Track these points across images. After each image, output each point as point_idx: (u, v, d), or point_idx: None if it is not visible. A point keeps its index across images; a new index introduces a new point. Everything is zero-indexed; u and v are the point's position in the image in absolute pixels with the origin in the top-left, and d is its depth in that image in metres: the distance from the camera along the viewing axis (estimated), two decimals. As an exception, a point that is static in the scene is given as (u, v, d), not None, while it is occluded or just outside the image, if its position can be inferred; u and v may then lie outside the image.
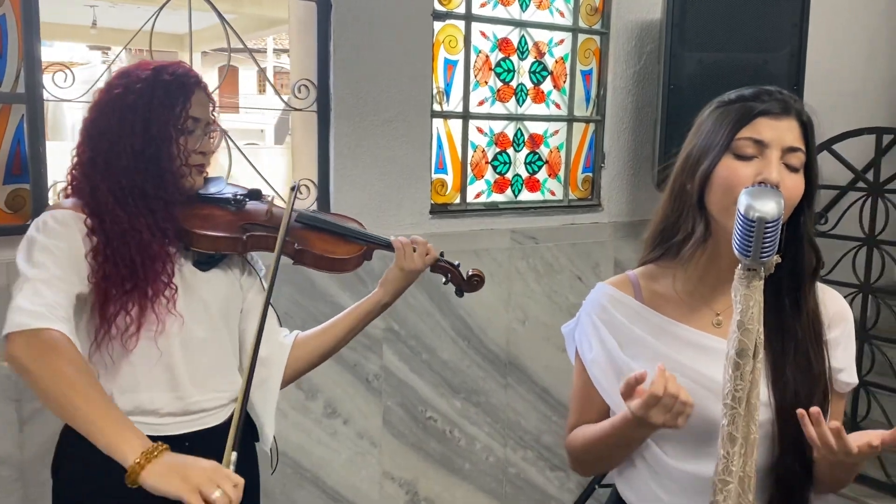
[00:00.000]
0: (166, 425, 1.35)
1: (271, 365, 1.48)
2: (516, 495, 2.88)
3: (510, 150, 2.75)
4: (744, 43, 2.63)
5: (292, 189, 1.51)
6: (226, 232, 1.38)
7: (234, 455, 1.09)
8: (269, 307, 1.41)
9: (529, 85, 2.76)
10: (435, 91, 2.53)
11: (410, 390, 2.58)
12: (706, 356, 1.17)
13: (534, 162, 2.81)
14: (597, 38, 2.88)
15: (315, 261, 1.46)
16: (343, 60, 2.32)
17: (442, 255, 1.59)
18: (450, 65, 2.57)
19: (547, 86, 2.80)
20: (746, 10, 2.62)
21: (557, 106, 2.84)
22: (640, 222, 3.04)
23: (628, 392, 1.06)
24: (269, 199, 1.51)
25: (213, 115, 1.43)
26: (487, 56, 2.64)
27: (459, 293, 1.62)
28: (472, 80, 2.61)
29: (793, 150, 1.12)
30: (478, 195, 2.71)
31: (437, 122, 2.57)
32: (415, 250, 1.51)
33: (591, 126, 2.91)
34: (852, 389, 1.25)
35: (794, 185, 1.12)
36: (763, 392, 1.11)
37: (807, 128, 1.15)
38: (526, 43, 2.72)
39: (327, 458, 2.45)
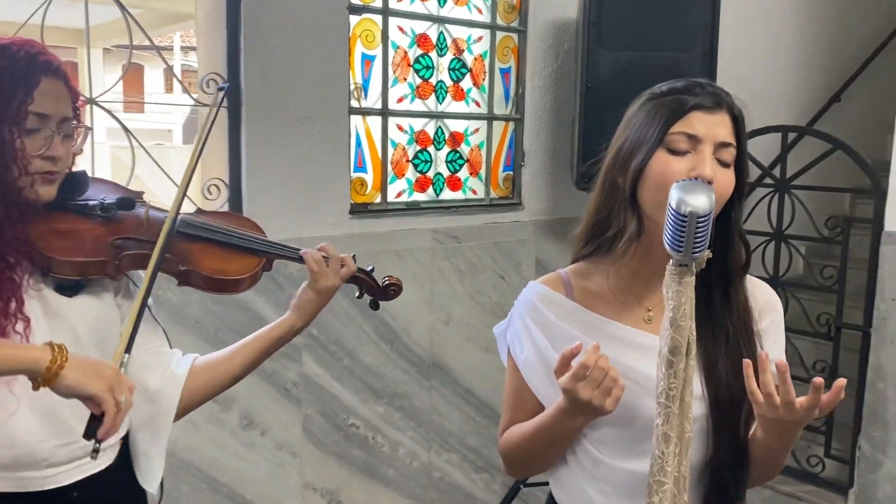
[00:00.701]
0: (49, 477, 1.15)
1: (161, 400, 1.26)
2: (441, 499, 2.83)
3: (431, 149, 2.70)
4: (658, 42, 2.66)
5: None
6: (94, 254, 1.15)
7: (125, 357, 1.05)
8: (159, 327, 1.27)
9: (449, 82, 2.72)
10: (352, 87, 2.46)
11: (331, 397, 2.50)
12: (639, 353, 1.15)
13: (455, 160, 2.77)
14: (515, 35, 2.86)
15: (203, 282, 1.25)
16: (254, 55, 2.22)
17: (354, 261, 1.42)
18: (367, 60, 2.50)
19: (466, 83, 2.76)
20: (660, 10, 2.66)
21: (477, 104, 2.81)
22: (561, 220, 3.04)
23: (562, 367, 1.04)
24: (145, 202, 1.28)
25: (75, 110, 1.17)
26: (406, 52, 2.59)
27: (374, 305, 1.46)
28: (391, 76, 2.55)
29: (725, 145, 1.11)
30: (399, 194, 2.65)
31: (356, 120, 2.49)
32: (328, 264, 1.34)
33: (511, 124, 2.90)
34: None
35: (727, 180, 1.10)
36: (696, 387, 1.09)
37: (738, 122, 1.13)
38: (444, 39, 2.68)
39: (245, 471, 2.33)
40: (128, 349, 1.04)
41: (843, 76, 4.16)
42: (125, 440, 1.27)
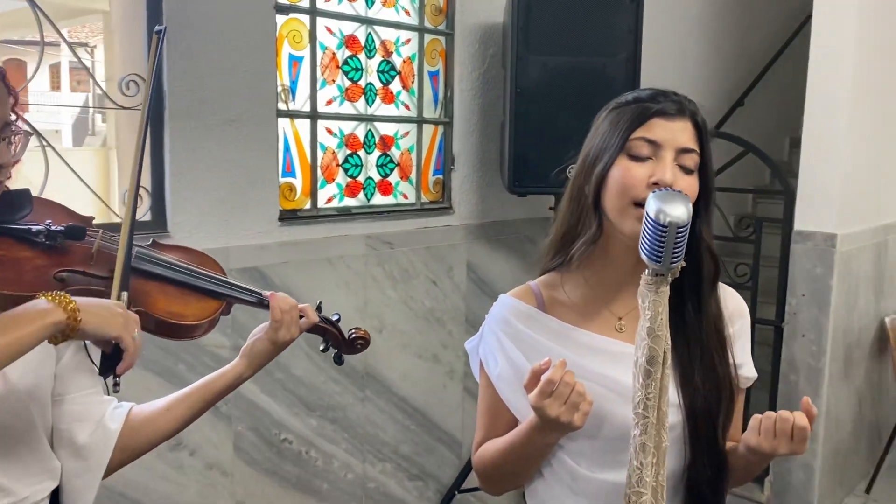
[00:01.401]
0: None
1: (90, 456, 1.15)
2: (376, 510, 2.78)
3: (361, 152, 2.64)
4: (585, 48, 2.69)
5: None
6: (32, 288, 0.99)
7: (124, 295, 1.04)
8: (94, 367, 1.11)
9: (378, 85, 2.66)
10: (280, 89, 2.37)
11: (263, 413, 2.40)
12: (613, 361, 1.14)
13: (385, 164, 2.72)
14: (442, 38, 2.84)
15: (156, 326, 1.13)
16: (177, 55, 2.10)
17: (319, 310, 1.33)
18: (295, 61, 2.41)
19: (396, 86, 2.72)
20: (586, 16, 2.69)
21: (407, 107, 2.77)
22: (491, 224, 3.04)
23: (532, 383, 1.03)
24: (97, 230, 1.12)
25: (12, 112, 1.04)
26: (334, 53, 2.52)
27: (339, 360, 1.37)
28: (319, 77, 2.47)
29: (687, 150, 1.12)
30: (329, 200, 2.57)
31: (284, 123, 2.40)
32: (290, 315, 1.25)
33: (441, 128, 2.87)
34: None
35: (689, 186, 1.11)
36: (672, 396, 1.10)
37: (701, 129, 1.15)
38: (373, 41, 2.62)
39: (173, 494, 2.21)
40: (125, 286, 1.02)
41: (747, 80, 4.37)
42: (55, 494, 1.14)
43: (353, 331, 1.37)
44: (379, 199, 2.73)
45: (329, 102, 2.52)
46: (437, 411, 2.95)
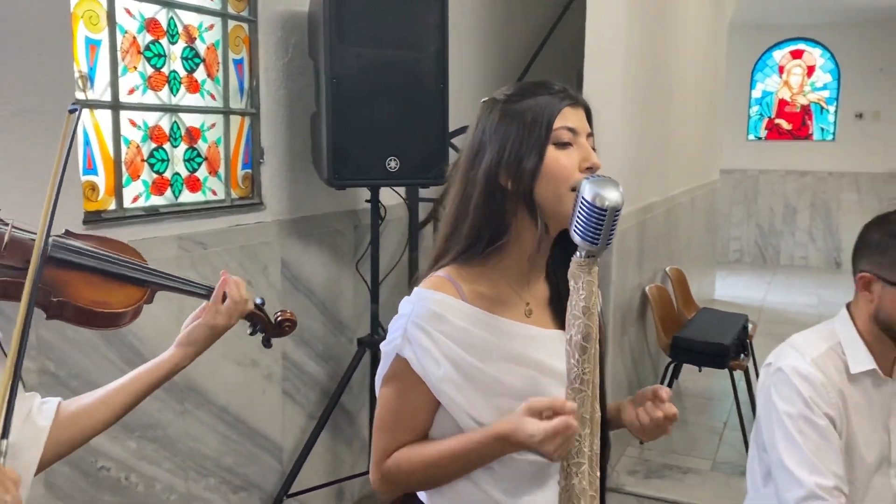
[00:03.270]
0: None
1: (20, 455, 1.06)
2: (202, 530, 2.59)
3: (167, 146, 2.42)
4: (396, 40, 2.71)
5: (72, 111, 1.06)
6: None
7: (4, 443, 0.91)
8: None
9: (182, 72, 2.46)
10: (77, 76, 2.10)
11: (76, 440, 2.12)
12: (533, 344, 1.20)
13: (193, 159, 2.52)
14: (245, 25, 2.69)
15: (79, 315, 1.09)
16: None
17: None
18: (92, 45, 2.15)
19: (201, 74, 2.53)
20: (395, 9, 2.71)
21: (212, 97, 2.59)
22: (304, 219, 2.96)
23: (535, 411, 1.07)
24: (5, 220, 1.06)
25: None
26: (135, 37, 2.28)
27: (267, 343, 1.34)
28: (120, 63, 2.23)
29: (590, 134, 1.20)
30: (135, 199, 2.33)
31: (83, 114, 2.12)
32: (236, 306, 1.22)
33: (247, 119, 2.72)
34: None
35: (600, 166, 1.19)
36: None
37: (590, 114, 1.23)
38: (176, 25, 2.42)
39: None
40: (4, 433, 0.82)
41: (521, 66, 4.64)
42: None
43: (279, 314, 1.36)
44: (188, 197, 2.52)
45: (131, 91, 2.28)
46: (258, 418, 2.82)
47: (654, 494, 3.32)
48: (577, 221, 1.06)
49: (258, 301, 1.35)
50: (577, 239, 1.07)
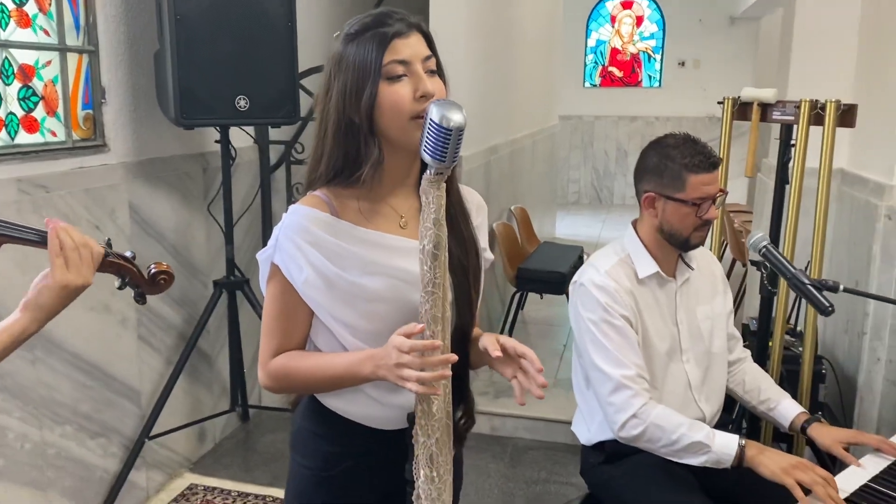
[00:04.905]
0: None
1: None
2: (59, 477, 2.56)
3: (0, 84, 2.31)
4: (241, -24, 2.69)
5: None
6: None
7: None
8: None
9: (11, 6, 2.32)
10: None
11: (-83, 392, 2.04)
12: (400, 255, 1.31)
13: (28, 98, 2.41)
14: (77, -44, 2.57)
15: None
16: None
17: (109, 246, 1.21)
18: None
19: (31, 8, 2.40)
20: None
21: (46, 32, 2.46)
22: (150, 161, 2.90)
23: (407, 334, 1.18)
24: None
25: None
26: (-45, -35, 2.13)
27: (140, 298, 1.28)
28: (-60, -6, 2.08)
29: (427, 57, 1.29)
30: (-33, 140, 2.21)
31: None
32: (79, 254, 1.12)
33: (86, 57, 2.62)
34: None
35: (440, 87, 1.29)
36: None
37: (428, 36, 1.31)
38: (0, -46, 2.28)
39: None
40: None
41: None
42: None
43: (153, 266, 1.29)
44: (25, 138, 2.41)
45: (-45, 24, 2.15)
46: (114, 364, 2.79)
47: (504, 412, 3.61)
48: (426, 142, 1.18)
49: (128, 254, 1.26)
50: (426, 158, 1.19)
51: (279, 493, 3.03)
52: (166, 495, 3.03)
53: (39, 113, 2.46)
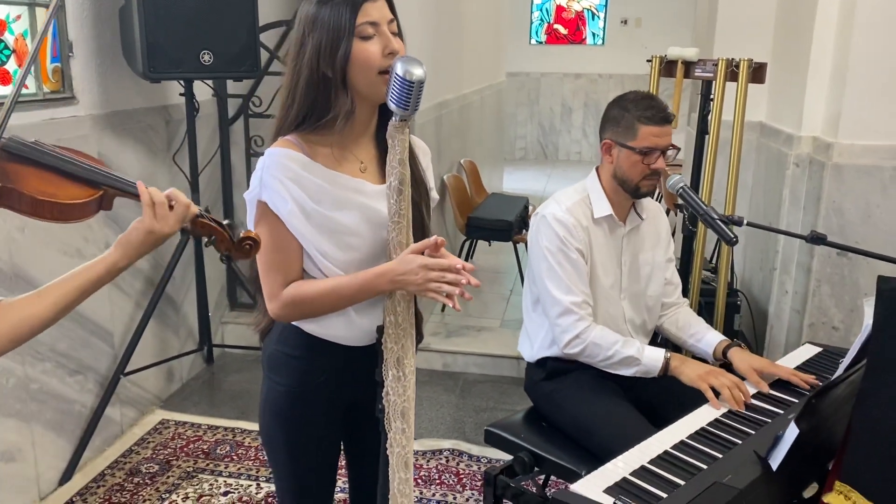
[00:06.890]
0: None
1: None
2: (41, 410, 2.74)
3: (-26, 38, 2.41)
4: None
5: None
6: None
7: None
8: None
9: (-18, -39, 2.42)
10: None
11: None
12: (365, 195, 1.51)
13: (1, 51, 2.52)
14: (41, -87, 2.65)
15: (29, 205, 1.14)
16: None
17: (207, 211, 1.34)
18: None
19: (1, -36, 2.50)
20: None
21: (15, -12, 2.57)
22: (117, 114, 3.03)
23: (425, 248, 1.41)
24: None
25: None
26: (-71, -78, 2.22)
27: (225, 260, 1.39)
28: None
29: (391, 20, 1.48)
30: (-55, 91, 2.32)
31: None
32: (171, 208, 1.26)
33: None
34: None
35: (402, 46, 1.49)
36: None
37: (391, 2, 1.50)
38: (-30, -90, 2.36)
39: None
40: None
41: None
42: None
43: (243, 232, 1.39)
44: (-1, 90, 2.53)
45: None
46: (87, 305, 2.94)
47: (455, 349, 3.88)
48: (391, 92, 1.40)
49: (224, 222, 1.36)
50: (392, 107, 1.40)
51: (246, 425, 3.26)
52: (139, 429, 3.23)
53: (11, 66, 2.57)
